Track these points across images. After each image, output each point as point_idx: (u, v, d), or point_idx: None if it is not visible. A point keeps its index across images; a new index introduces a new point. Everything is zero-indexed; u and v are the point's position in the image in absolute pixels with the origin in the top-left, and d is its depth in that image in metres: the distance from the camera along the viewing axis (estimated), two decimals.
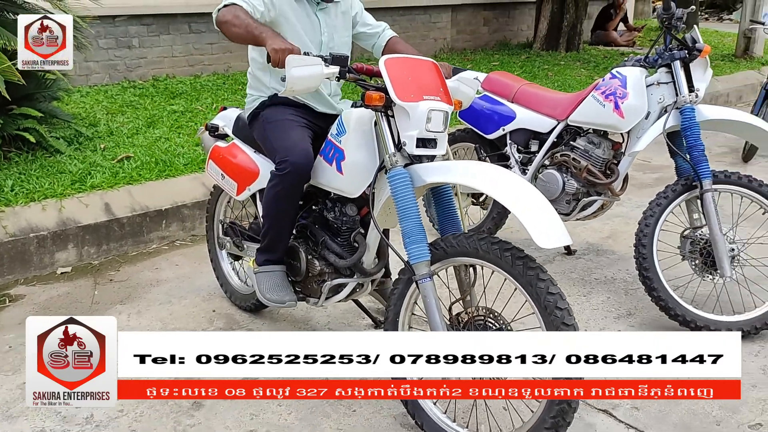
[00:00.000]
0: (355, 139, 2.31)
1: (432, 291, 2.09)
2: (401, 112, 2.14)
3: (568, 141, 3.43)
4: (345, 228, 2.49)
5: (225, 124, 2.96)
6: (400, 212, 2.12)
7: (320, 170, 2.44)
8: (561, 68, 8.32)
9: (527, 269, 1.99)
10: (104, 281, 3.51)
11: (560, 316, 1.95)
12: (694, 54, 3.03)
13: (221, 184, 2.91)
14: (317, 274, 2.53)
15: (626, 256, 3.77)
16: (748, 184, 2.97)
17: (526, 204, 1.99)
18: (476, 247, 2.08)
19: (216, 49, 7.04)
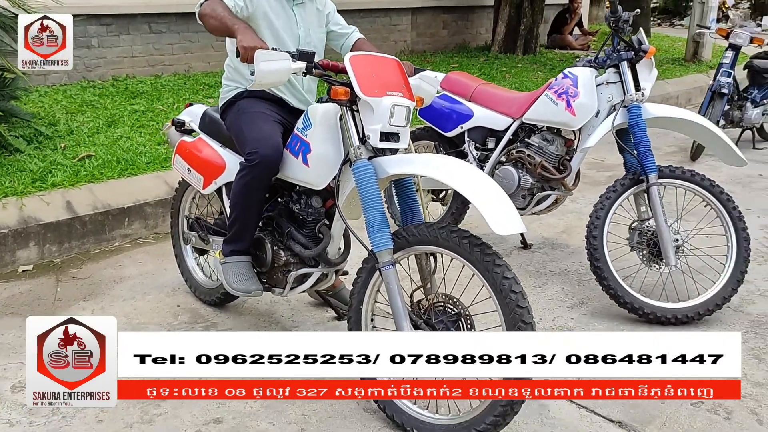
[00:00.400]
0: (321, 133, 2.39)
1: (394, 278, 2.18)
2: (365, 107, 2.23)
3: (523, 138, 3.57)
4: (310, 219, 2.56)
5: (191, 119, 3.00)
6: (364, 203, 2.20)
7: (287, 163, 2.51)
8: (518, 70, 8.51)
9: (484, 255, 2.10)
10: (66, 279, 3.51)
11: (515, 299, 2.05)
12: (640, 55, 3.19)
13: (187, 178, 2.96)
14: (282, 264, 2.60)
15: (580, 249, 3.91)
16: (691, 179, 3.14)
17: (483, 194, 2.10)
18: (436, 236, 2.18)
19: (177, 49, 7.02)
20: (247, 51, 2.23)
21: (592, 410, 2.45)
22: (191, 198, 3.26)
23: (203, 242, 3.04)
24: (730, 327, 3.05)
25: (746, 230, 3.11)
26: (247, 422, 2.37)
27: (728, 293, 3.06)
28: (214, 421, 2.38)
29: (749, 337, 2.97)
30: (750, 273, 3.28)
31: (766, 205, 4.75)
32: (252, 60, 2.18)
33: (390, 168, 2.22)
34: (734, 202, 3.14)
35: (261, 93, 2.66)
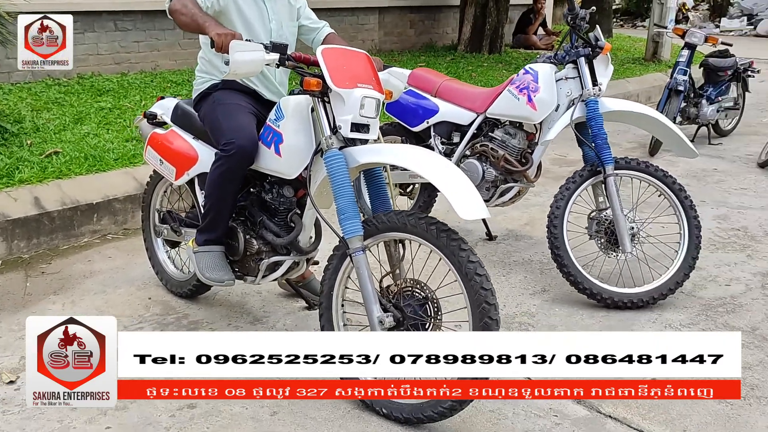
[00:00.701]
0: (293, 124, 2.46)
1: (365, 263, 2.27)
2: (337, 98, 2.31)
3: (487, 132, 3.68)
4: (282, 209, 2.63)
5: (163, 112, 3.05)
6: (335, 191, 2.28)
7: (260, 154, 2.58)
8: (484, 69, 8.67)
9: (450, 241, 2.20)
10: (36, 274, 3.52)
11: (479, 281, 2.15)
12: (597, 51, 3.33)
13: (159, 169, 3.00)
14: (255, 252, 2.66)
15: (542, 240, 4.03)
16: (645, 170, 3.29)
17: (449, 181, 2.20)
18: (405, 222, 2.27)
19: (143, 47, 7.01)
20: (221, 38, 2.30)
21: None
22: (162, 192, 3.30)
23: (176, 234, 3.08)
24: (683, 311, 3.20)
25: (697, 218, 3.27)
26: (221, 406, 2.43)
27: (681, 278, 3.21)
28: (188, 406, 2.43)
29: (700, 319, 3.12)
30: (702, 260, 3.45)
31: (719, 198, 4.95)
32: (226, 50, 2.25)
33: (360, 157, 2.31)
34: (686, 192, 3.29)
35: (235, 85, 2.72)
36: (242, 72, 2.27)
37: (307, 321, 3.07)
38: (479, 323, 2.14)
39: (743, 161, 6.01)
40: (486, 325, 2.13)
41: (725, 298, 3.34)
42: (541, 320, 3.12)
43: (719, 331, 2.60)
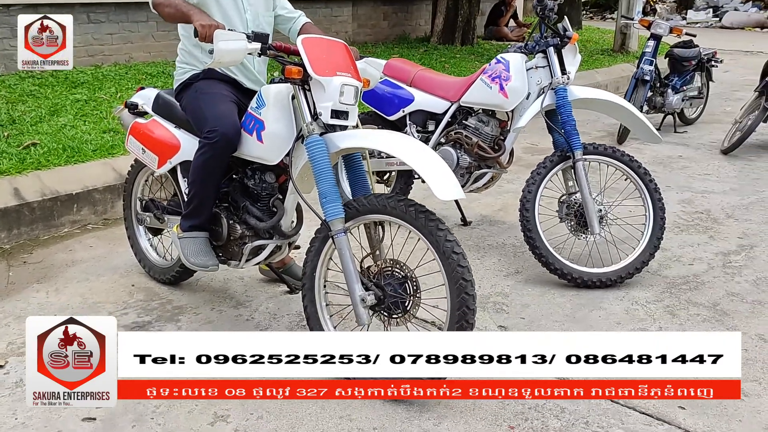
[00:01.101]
0: (274, 111, 2.54)
1: (346, 244, 2.37)
2: (317, 86, 2.39)
3: (461, 120, 3.80)
4: (264, 194, 2.71)
5: (144, 102, 3.10)
6: (317, 175, 2.37)
7: (242, 141, 2.65)
8: (457, 61, 8.79)
9: (428, 221, 2.30)
10: (18, 264, 3.55)
11: (456, 259, 2.27)
12: (565, 41, 3.46)
13: (142, 158, 3.05)
14: (238, 237, 2.74)
15: (515, 225, 4.14)
16: (612, 155, 3.43)
17: (426, 163, 2.31)
18: (384, 205, 2.37)
19: (116, 39, 6.99)
20: (205, 29, 2.37)
21: None
22: (144, 180, 3.35)
23: (159, 221, 3.14)
24: (649, 288, 3.35)
25: (662, 201, 3.42)
26: None
27: (647, 258, 3.36)
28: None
29: (665, 296, 3.28)
30: (667, 241, 3.61)
31: (683, 183, 5.14)
32: (211, 39, 2.32)
33: (341, 142, 2.40)
34: (651, 176, 3.44)
35: (215, 74, 2.79)
36: (226, 61, 2.35)
37: (289, 305, 3.15)
38: (457, 299, 2.25)
39: (707, 148, 6.22)
40: (463, 300, 2.24)
41: (688, 276, 3.51)
42: (515, 300, 3.25)
43: (719, 331, 2.65)
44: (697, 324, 3.02)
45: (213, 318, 3.03)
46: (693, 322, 3.04)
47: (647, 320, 3.05)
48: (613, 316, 3.08)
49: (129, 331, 2.88)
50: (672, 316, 3.09)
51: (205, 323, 2.98)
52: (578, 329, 2.96)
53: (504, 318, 3.07)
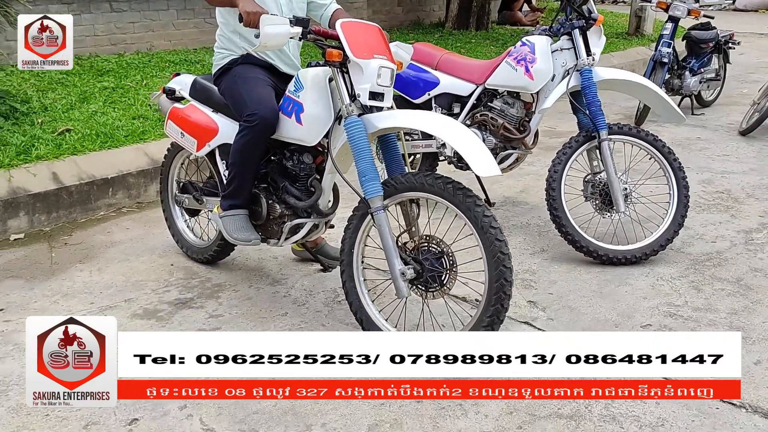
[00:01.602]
0: (313, 94, 2.64)
1: (386, 221, 2.47)
2: (356, 68, 2.48)
3: (486, 102, 3.87)
4: (303, 174, 2.82)
5: (181, 87, 3.21)
6: (356, 154, 2.47)
7: (281, 123, 2.75)
8: (472, 46, 8.83)
9: (466, 198, 2.40)
10: (59, 245, 3.68)
11: (494, 233, 2.37)
12: (590, 23, 3.53)
13: (181, 142, 3.16)
14: (277, 216, 2.85)
15: (538, 206, 4.27)
16: (637, 134, 3.50)
17: (465, 141, 2.40)
18: (422, 182, 2.47)
19: (138, 28, 7.09)
20: (251, 16, 2.47)
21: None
22: (180, 164, 3.46)
23: (197, 202, 3.25)
24: (673, 265, 3.44)
25: (686, 179, 3.49)
26: None
27: (671, 235, 3.44)
28: None
29: (689, 272, 3.36)
30: (689, 220, 3.68)
31: (703, 164, 5.19)
32: (255, 24, 2.42)
33: (379, 123, 2.49)
34: (675, 155, 3.51)
35: (253, 59, 2.89)
36: (271, 44, 2.44)
37: (324, 282, 3.26)
38: (495, 271, 2.35)
39: (725, 130, 6.26)
40: (501, 272, 2.35)
41: (712, 253, 3.59)
42: (542, 276, 3.34)
43: (720, 331, 2.68)
44: (722, 298, 3.10)
45: (252, 294, 3.14)
46: (718, 296, 3.12)
47: (673, 295, 3.13)
48: (639, 291, 3.17)
49: (173, 306, 3.00)
50: (697, 291, 3.17)
51: (244, 299, 3.09)
52: (606, 304, 3.05)
53: (533, 293, 3.16)
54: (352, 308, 2.64)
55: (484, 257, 2.39)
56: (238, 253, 3.47)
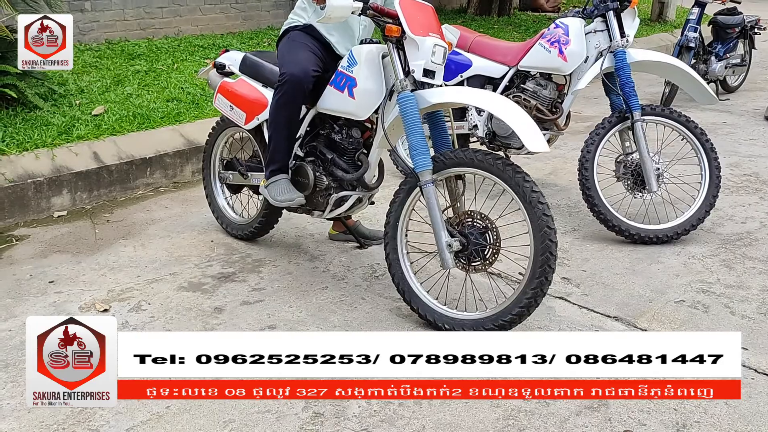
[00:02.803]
0: (366, 70, 2.71)
1: (434, 194, 2.54)
2: (411, 45, 2.55)
3: (519, 84, 3.92)
4: (351, 148, 2.90)
5: (231, 63, 3.29)
6: (408, 128, 2.54)
7: (332, 97, 2.83)
8: (494, 31, 8.85)
9: (515, 174, 2.47)
10: (101, 222, 3.78)
11: (542, 209, 2.44)
12: (625, 4, 3.56)
13: (230, 115, 3.25)
14: (324, 188, 2.94)
15: (567, 187, 4.33)
16: (670, 115, 3.55)
17: (517, 116, 2.48)
18: (472, 158, 2.54)
19: (166, 12, 7.18)
20: None
21: (592, 309, 2.86)
22: (224, 142, 3.55)
23: (242, 177, 3.34)
24: (704, 244, 3.48)
25: (717, 160, 3.54)
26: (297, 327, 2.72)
27: (702, 215, 3.49)
28: (268, 327, 2.72)
29: (720, 251, 3.41)
30: (718, 202, 3.71)
31: (730, 148, 5.21)
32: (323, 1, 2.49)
33: (431, 98, 2.56)
34: (707, 136, 3.55)
35: (312, 31, 2.97)
36: (335, 16, 2.51)
37: (361, 258, 3.34)
38: (541, 245, 2.43)
39: (751, 115, 6.26)
40: (547, 246, 2.42)
41: (742, 233, 3.63)
42: (575, 255, 3.40)
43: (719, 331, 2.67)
44: (754, 276, 3.15)
45: (291, 270, 3.23)
46: (749, 274, 3.17)
47: (704, 273, 3.19)
48: (671, 269, 3.22)
49: (217, 280, 3.10)
50: (728, 269, 3.22)
51: (285, 274, 3.18)
52: (638, 280, 3.11)
53: (566, 270, 3.22)
54: (395, 280, 2.72)
55: (530, 231, 2.46)
56: (276, 231, 3.55)
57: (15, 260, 3.30)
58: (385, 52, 2.69)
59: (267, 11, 8.09)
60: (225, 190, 3.58)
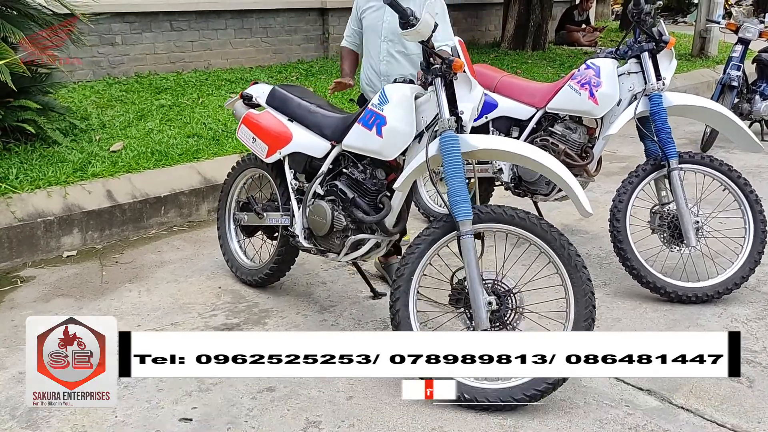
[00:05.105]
0: (398, 109, 2.57)
1: (473, 247, 2.36)
2: (465, 84, 2.44)
3: (547, 127, 3.71)
4: (374, 189, 2.75)
5: (258, 95, 3.20)
6: (450, 172, 2.38)
7: (359, 135, 2.70)
8: (528, 66, 8.66)
9: (559, 235, 2.36)
10: (110, 263, 3.67)
11: (586, 274, 2.34)
12: (661, 46, 3.34)
13: (251, 147, 3.15)
14: (341, 229, 2.78)
15: (599, 235, 4.08)
16: (710, 164, 3.29)
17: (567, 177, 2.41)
18: (512, 215, 2.39)
19: (197, 46, 7.19)
20: None
21: (622, 379, 2.61)
22: (242, 183, 3.43)
23: (258, 217, 3.20)
24: (748, 305, 3.20)
25: (763, 213, 3.26)
26: (299, 390, 2.52)
27: (746, 273, 3.21)
28: (267, 389, 2.53)
29: (766, 314, 3.12)
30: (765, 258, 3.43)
31: None
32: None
33: (478, 143, 2.42)
34: (751, 186, 3.29)
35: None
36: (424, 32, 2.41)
37: (373, 311, 3.15)
38: (584, 310, 2.30)
39: None
40: (590, 313, 2.30)
41: None
42: (605, 313, 3.14)
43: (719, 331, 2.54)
44: None
45: (299, 322, 3.05)
46: None
47: (749, 339, 2.90)
48: None
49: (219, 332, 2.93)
50: None
51: (291, 327, 3.00)
52: None
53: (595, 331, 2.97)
54: None
55: (571, 297, 2.33)
56: (287, 278, 3.38)
57: (16, 304, 3.20)
58: (419, 92, 2.55)
59: (298, 45, 8.05)
60: (239, 232, 3.44)
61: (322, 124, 2.94)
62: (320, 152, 2.92)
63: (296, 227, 2.99)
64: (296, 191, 3.04)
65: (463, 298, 2.47)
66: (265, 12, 7.67)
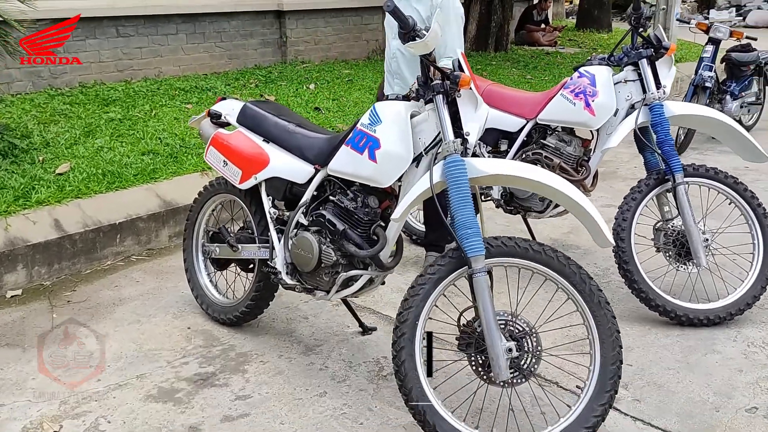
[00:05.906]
0: (392, 129, 2.26)
1: (487, 286, 2.09)
2: (470, 102, 2.16)
3: (538, 139, 3.47)
4: (366, 219, 2.42)
5: (227, 112, 2.85)
6: (457, 201, 2.09)
7: (347, 159, 2.38)
8: (493, 68, 8.47)
9: (578, 269, 2.11)
10: (61, 303, 3.26)
11: (610, 311, 2.11)
12: (661, 52, 3.13)
13: (222, 171, 2.80)
14: (331, 264, 2.46)
15: (590, 250, 3.86)
16: (715, 177, 3.10)
17: (590, 207, 2.16)
18: (526, 248, 2.12)
19: (146, 53, 6.73)
20: None
21: (649, 422, 2.37)
22: (210, 210, 3.07)
23: (231, 250, 2.84)
24: (762, 327, 3.01)
25: None
26: None
27: (758, 292, 3.02)
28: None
29: None
30: None
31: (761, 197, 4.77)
32: None
33: (487, 168, 2.14)
34: (759, 199, 3.11)
35: None
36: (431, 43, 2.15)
37: (365, 350, 2.84)
38: (612, 352, 2.08)
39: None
40: (618, 354, 2.09)
41: None
42: None
43: None
44: None
45: (283, 368, 2.72)
46: None
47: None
48: (732, 361, 2.74)
49: (193, 384, 2.58)
50: None
51: (275, 374, 2.67)
52: (697, 379, 2.62)
53: None
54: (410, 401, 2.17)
55: (596, 336, 2.10)
56: (264, 314, 3.04)
57: None
58: (414, 111, 2.25)
59: (254, 49, 7.65)
60: (209, 265, 3.08)
61: (303, 145, 2.62)
62: (302, 177, 2.60)
63: (277, 262, 2.65)
64: (276, 221, 2.71)
65: (474, 342, 2.18)
66: (218, 15, 7.26)
